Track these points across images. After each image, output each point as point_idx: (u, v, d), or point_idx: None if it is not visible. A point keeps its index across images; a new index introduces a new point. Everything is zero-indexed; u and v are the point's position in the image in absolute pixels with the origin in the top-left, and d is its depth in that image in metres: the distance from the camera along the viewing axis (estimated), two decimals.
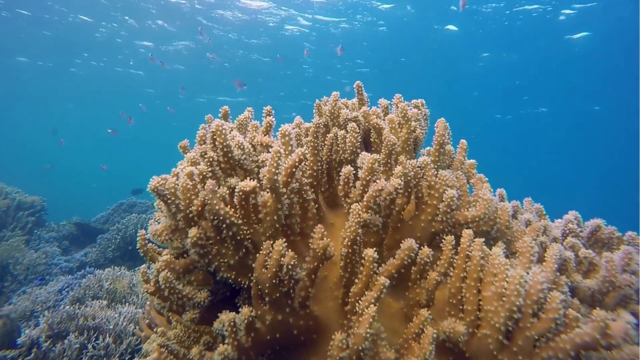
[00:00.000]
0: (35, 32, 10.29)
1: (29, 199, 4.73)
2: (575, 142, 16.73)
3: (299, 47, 9.98)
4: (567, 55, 9.93)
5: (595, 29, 8.78)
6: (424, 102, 1.10)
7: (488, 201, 0.81)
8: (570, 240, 0.96)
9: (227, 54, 11.35)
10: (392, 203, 0.80)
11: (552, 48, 9.69)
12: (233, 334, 0.68)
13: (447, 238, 0.75)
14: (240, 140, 0.82)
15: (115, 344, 1.93)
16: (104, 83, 13.95)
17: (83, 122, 21.74)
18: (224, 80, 12.45)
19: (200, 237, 0.73)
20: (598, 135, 15.02)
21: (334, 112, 1.01)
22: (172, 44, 10.97)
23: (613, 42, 9.03)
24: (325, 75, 12.42)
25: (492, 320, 0.65)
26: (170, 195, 0.75)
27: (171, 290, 0.74)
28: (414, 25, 9.30)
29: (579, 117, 13.31)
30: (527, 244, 0.71)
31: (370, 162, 0.81)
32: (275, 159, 0.71)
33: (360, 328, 0.63)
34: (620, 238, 1.07)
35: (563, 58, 10.04)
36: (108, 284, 2.60)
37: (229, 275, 0.76)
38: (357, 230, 0.71)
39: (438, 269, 0.74)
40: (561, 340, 0.62)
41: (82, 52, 11.60)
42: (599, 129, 14.19)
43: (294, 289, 0.71)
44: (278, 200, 0.74)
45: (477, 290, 0.68)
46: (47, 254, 3.95)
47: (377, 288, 0.65)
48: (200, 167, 0.77)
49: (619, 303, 0.86)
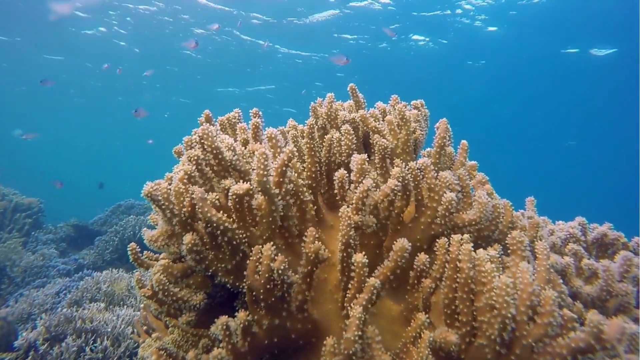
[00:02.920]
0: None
1: (26, 201, 4.71)
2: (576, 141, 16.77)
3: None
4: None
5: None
6: (423, 103, 1.09)
7: (483, 204, 0.80)
8: (572, 247, 0.96)
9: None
10: (390, 205, 0.79)
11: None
12: (227, 337, 0.67)
13: (440, 242, 0.74)
14: (230, 142, 0.82)
15: (113, 347, 1.93)
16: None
17: (86, 121, 21.62)
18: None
19: (196, 243, 0.72)
20: (598, 134, 15.06)
21: (331, 114, 1.01)
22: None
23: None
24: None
25: (487, 332, 0.65)
26: (163, 201, 0.74)
27: (166, 293, 0.74)
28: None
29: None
30: (517, 239, 0.69)
31: (359, 163, 0.81)
32: (262, 160, 0.70)
33: (348, 332, 0.63)
34: (627, 244, 1.06)
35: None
36: (106, 286, 2.59)
37: (227, 279, 0.76)
38: (349, 233, 0.71)
39: (433, 274, 0.74)
40: (558, 345, 0.62)
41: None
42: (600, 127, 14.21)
43: (289, 292, 0.71)
44: (271, 201, 0.73)
45: (470, 301, 0.67)
46: (45, 256, 3.93)
47: (368, 290, 0.65)
48: (185, 167, 0.76)
49: (618, 309, 0.86)
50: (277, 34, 9.69)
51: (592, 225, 1.10)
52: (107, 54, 11.21)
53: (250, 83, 13.27)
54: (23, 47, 11.03)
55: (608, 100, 11.65)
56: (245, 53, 10.72)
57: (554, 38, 9.23)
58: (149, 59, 11.18)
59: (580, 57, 9.87)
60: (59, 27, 9.84)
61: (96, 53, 11.15)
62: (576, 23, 8.50)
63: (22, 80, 13.85)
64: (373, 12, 8.67)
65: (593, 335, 0.59)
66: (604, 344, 0.59)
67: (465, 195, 0.88)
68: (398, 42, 9.91)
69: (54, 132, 25.95)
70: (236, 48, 10.62)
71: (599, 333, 0.59)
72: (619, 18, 7.97)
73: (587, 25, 8.54)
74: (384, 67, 10.97)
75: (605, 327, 0.59)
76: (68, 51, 11.19)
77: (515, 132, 16.95)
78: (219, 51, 10.80)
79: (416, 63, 10.72)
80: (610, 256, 1.05)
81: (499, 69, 10.89)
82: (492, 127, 16.09)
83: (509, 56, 10.22)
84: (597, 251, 1.08)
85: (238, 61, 11.22)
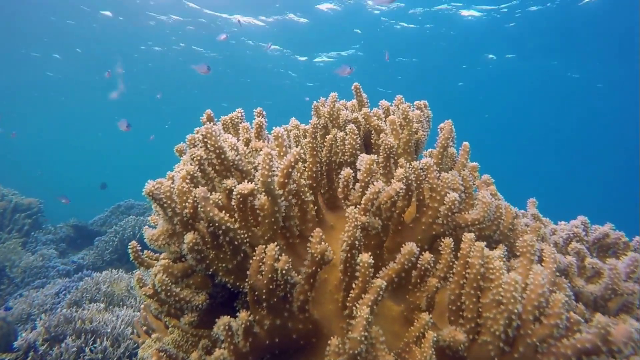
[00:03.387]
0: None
1: (26, 201, 4.70)
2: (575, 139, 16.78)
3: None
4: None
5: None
6: (426, 104, 1.09)
7: (487, 204, 0.80)
8: (575, 246, 0.95)
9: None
10: (392, 206, 0.79)
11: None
12: (229, 338, 0.67)
13: (445, 241, 0.74)
14: (234, 142, 0.81)
15: (113, 348, 1.92)
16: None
17: (86, 119, 21.61)
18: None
19: (197, 242, 0.72)
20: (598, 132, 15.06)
21: (333, 114, 1.00)
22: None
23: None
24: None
25: (491, 328, 0.64)
26: (165, 199, 0.74)
27: (168, 293, 0.73)
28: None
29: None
30: (528, 242, 0.70)
31: (368, 164, 0.80)
32: (267, 161, 0.70)
33: (354, 332, 0.62)
34: (627, 243, 1.05)
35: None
36: (106, 286, 2.59)
37: (228, 279, 0.75)
38: (355, 234, 0.70)
39: (438, 273, 0.73)
40: (562, 346, 0.61)
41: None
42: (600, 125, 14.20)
43: (291, 293, 0.71)
44: (274, 202, 0.73)
45: (477, 297, 0.67)
46: (44, 256, 3.92)
47: (374, 291, 0.64)
48: (187, 167, 0.75)
49: (621, 309, 0.85)
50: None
51: (593, 226, 1.10)
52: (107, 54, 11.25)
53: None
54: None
55: (609, 99, 11.66)
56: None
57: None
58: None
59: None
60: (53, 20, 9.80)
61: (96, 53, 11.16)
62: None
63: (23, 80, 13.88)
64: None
65: (600, 336, 0.59)
66: (611, 346, 0.59)
67: (467, 195, 0.87)
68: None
69: (53, 132, 25.96)
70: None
71: (606, 335, 0.58)
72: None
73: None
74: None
75: (612, 329, 0.58)
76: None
77: (514, 132, 16.98)
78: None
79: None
80: (611, 256, 1.05)
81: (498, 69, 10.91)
82: (491, 127, 16.11)
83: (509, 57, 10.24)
84: (598, 251, 1.08)
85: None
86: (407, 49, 10.16)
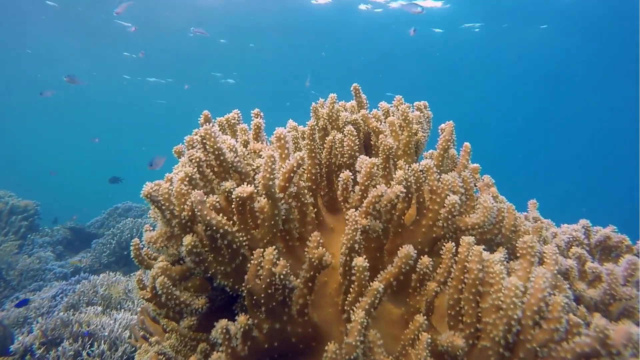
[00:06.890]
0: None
1: (22, 203, 4.68)
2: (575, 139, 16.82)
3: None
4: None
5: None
6: (426, 105, 1.08)
7: (488, 209, 0.79)
8: (576, 250, 0.95)
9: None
10: (392, 208, 0.78)
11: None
12: (227, 341, 0.66)
13: (447, 246, 0.73)
14: (233, 143, 0.80)
15: (110, 351, 1.91)
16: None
17: (80, 121, 21.54)
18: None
19: (195, 244, 0.71)
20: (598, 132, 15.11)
21: (332, 115, 1.00)
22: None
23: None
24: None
25: (491, 334, 0.64)
26: (164, 202, 0.73)
27: (169, 296, 0.72)
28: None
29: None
30: (528, 244, 0.68)
31: (369, 167, 0.80)
32: (269, 164, 0.69)
33: (349, 337, 0.62)
34: (630, 247, 1.04)
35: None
36: (103, 289, 2.57)
37: (226, 282, 0.74)
38: (355, 238, 0.70)
39: (437, 277, 0.73)
40: (562, 350, 0.61)
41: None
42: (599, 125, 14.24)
43: (290, 297, 0.70)
44: (275, 206, 0.72)
45: (476, 302, 0.66)
46: (41, 259, 3.90)
47: (371, 294, 0.64)
48: (186, 169, 0.75)
49: (622, 313, 0.85)
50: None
51: (595, 228, 1.09)
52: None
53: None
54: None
55: (608, 99, 11.71)
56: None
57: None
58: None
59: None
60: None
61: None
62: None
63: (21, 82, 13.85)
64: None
65: (599, 340, 0.58)
66: (610, 349, 0.58)
67: (468, 198, 0.87)
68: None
69: (52, 131, 25.87)
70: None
71: (604, 338, 0.58)
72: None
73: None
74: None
75: (611, 332, 0.58)
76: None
77: (514, 133, 17.02)
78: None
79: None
80: (613, 259, 1.04)
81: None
82: (491, 127, 16.14)
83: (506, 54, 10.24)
84: (600, 254, 1.07)
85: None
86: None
